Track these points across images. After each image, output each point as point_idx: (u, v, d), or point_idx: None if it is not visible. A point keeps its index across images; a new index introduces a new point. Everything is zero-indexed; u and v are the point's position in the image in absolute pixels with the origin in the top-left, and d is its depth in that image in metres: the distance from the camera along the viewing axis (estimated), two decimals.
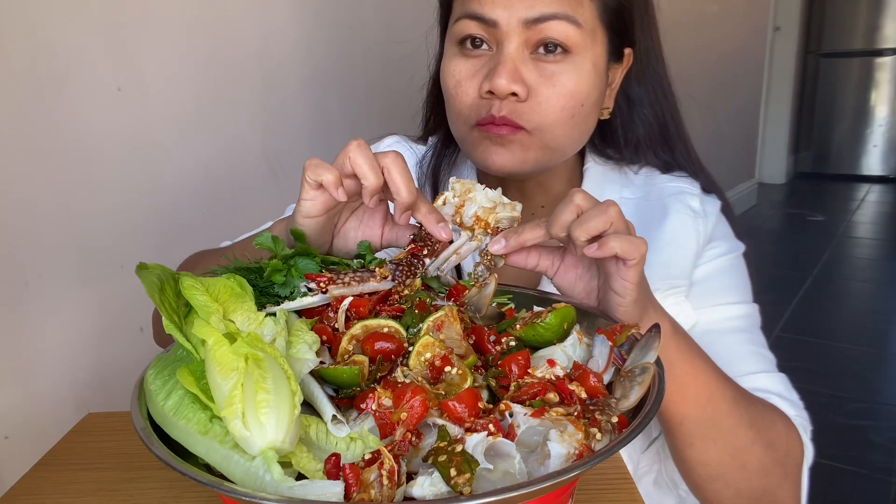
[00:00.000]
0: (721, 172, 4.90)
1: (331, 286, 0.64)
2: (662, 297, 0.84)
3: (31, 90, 1.15)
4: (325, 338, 0.60)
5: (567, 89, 0.82)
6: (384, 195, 0.69)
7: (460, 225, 0.72)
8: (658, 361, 0.57)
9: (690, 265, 0.91)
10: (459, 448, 0.48)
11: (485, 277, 0.69)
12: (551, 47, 0.81)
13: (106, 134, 1.28)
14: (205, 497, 0.67)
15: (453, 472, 0.45)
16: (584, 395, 0.55)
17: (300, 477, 0.49)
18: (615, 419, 0.52)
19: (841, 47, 6.60)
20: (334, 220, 0.74)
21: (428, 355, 0.57)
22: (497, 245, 0.68)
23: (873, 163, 6.69)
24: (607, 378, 0.58)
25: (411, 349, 0.57)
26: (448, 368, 0.55)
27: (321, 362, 0.57)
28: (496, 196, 0.72)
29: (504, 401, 0.53)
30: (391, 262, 0.68)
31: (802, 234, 5.12)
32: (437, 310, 0.62)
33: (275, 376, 0.50)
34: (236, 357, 0.50)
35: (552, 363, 0.58)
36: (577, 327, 0.64)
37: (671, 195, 0.94)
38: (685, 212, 0.93)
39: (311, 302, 0.64)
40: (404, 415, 0.50)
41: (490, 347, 0.62)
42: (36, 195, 1.17)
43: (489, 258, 0.70)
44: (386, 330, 0.60)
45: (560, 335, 0.63)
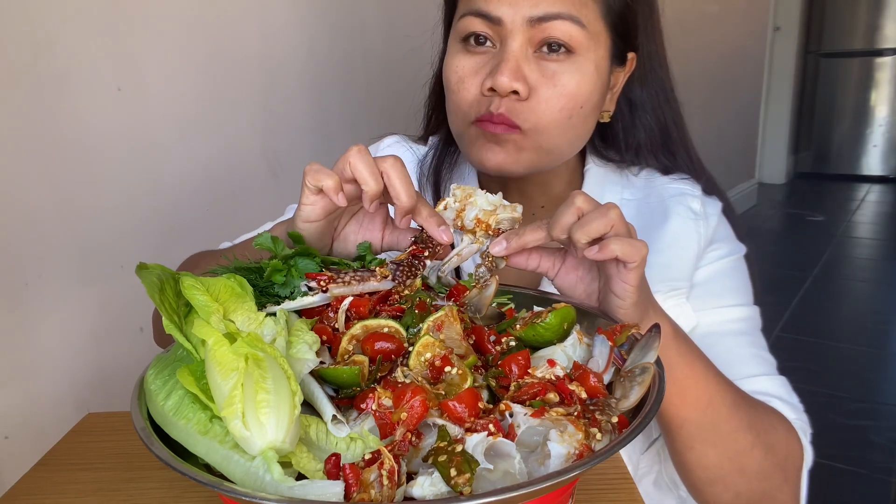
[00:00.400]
0: (721, 172, 4.90)
1: (331, 285, 0.64)
2: (663, 299, 0.84)
3: (32, 90, 1.15)
4: (325, 338, 0.60)
5: (568, 90, 0.82)
6: (384, 199, 0.70)
7: (461, 228, 0.72)
8: (658, 361, 0.57)
9: (691, 267, 0.91)
10: (459, 448, 0.48)
11: (486, 279, 0.69)
12: (554, 46, 0.81)
13: (106, 134, 1.28)
14: (205, 497, 0.67)
15: (453, 472, 0.45)
16: (584, 395, 0.55)
17: (300, 477, 0.49)
18: (615, 419, 0.52)
19: (841, 47, 6.60)
20: (334, 224, 0.74)
21: (428, 355, 0.56)
22: (498, 247, 0.68)
23: (873, 163, 6.69)
24: (607, 378, 0.58)
25: (411, 349, 0.57)
26: (448, 368, 0.55)
27: (321, 362, 0.56)
28: (497, 199, 0.72)
29: (504, 401, 0.53)
30: (392, 263, 0.68)
31: (802, 234, 5.11)
32: (437, 310, 0.62)
33: (275, 376, 0.50)
34: (236, 357, 0.50)
35: (552, 363, 0.58)
36: (577, 327, 0.64)
37: (672, 197, 0.94)
38: (686, 214, 0.92)
39: (312, 302, 0.64)
40: (404, 415, 0.50)
41: (490, 347, 0.62)
42: (36, 195, 1.17)
43: (490, 260, 0.70)
44: (386, 330, 0.60)
45: (560, 335, 0.63)
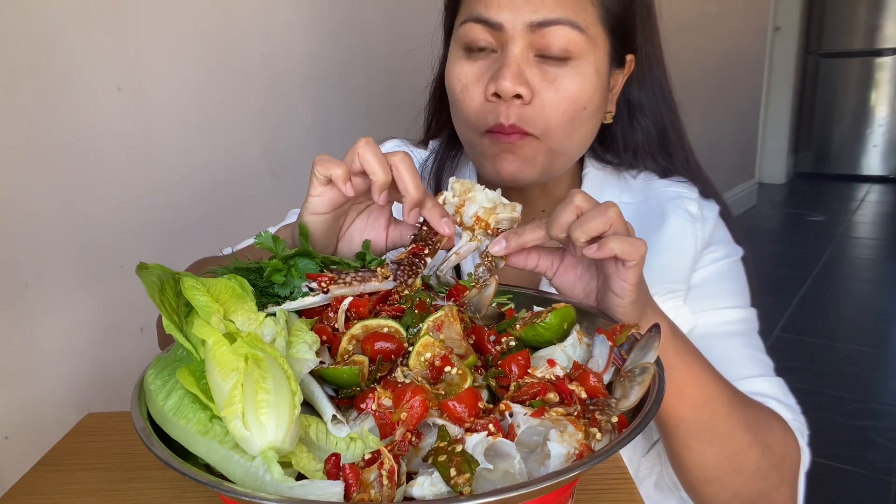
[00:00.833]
0: (721, 172, 4.92)
1: (332, 286, 0.64)
2: (661, 301, 0.84)
3: (32, 90, 1.15)
4: (325, 338, 0.60)
5: (570, 93, 0.82)
6: (390, 195, 0.70)
7: (460, 225, 0.72)
8: (658, 361, 0.57)
9: (688, 269, 0.91)
10: (459, 448, 0.48)
11: (485, 279, 0.69)
12: (555, 51, 0.82)
13: (106, 134, 1.28)
14: (205, 497, 0.67)
15: (453, 472, 0.45)
16: (584, 395, 0.55)
17: (300, 477, 0.49)
18: (615, 419, 0.52)
19: (841, 47, 6.60)
20: (340, 221, 0.74)
21: (428, 355, 0.57)
22: (498, 246, 0.69)
23: (873, 163, 6.69)
24: (607, 378, 0.58)
25: (411, 349, 0.57)
26: (448, 368, 0.55)
27: (321, 362, 0.57)
28: (496, 196, 0.72)
29: (504, 401, 0.53)
30: (392, 262, 0.68)
31: (802, 234, 5.11)
32: (437, 310, 0.62)
33: (275, 376, 0.50)
34: (236, 357, 0.50)
35: (552, 363, 0.58)
36: (577, 327, 0.64)
37: (669, 200, 0.95)
38: (683, 216, 0.93)
39: (312, 302, 0.64)
40: (404, 415, 0.50)
41: (490, 347, 0.62)
42: (36, 195, 1.17)
43: (490, 259, 0.70)
44: (386, 330, 0.60)
45: (560, 335, 0.63)
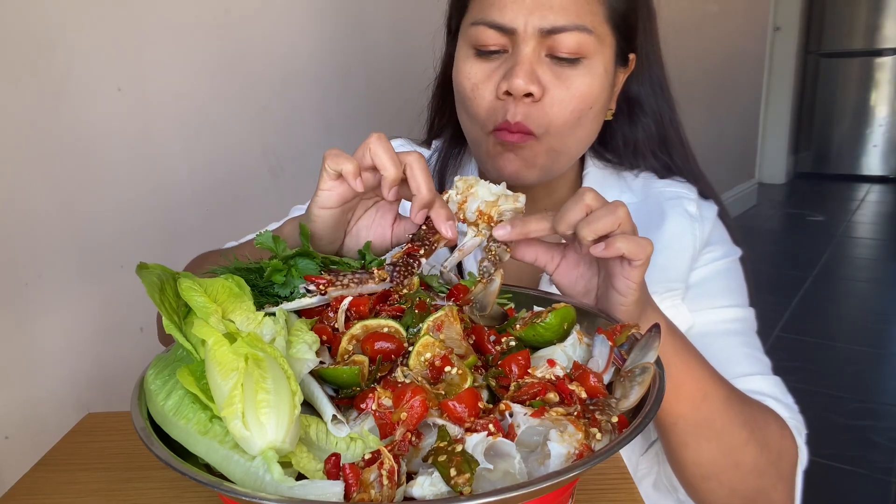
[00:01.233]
0: (721, 172, 4.92)
1: (330, 288, 0.64)
2: (659, 301, 0.84)
3: (32, 90, 1.15)
4: (325, 338, 0.60)
5: (580, 92, 0.83)
6: (399, 192, 0.69)
7: (464, 221, 0.71)
8: (658, 361, 0.57)
9: (687, 268, 0.91)
10: (459, 448, 0.48)
11: (490, 273, 0.68)
12: (566, 52, 0.82)
13: (106, 134, 1.28)
14: (205, 497, 0.67)
15: (453, 472, 0.45)
16: (584, 395, 0.55)
17: (300, 477, 0.49)
18: (615, 419, 0.52)
19: (841, 47, 6.59)
20: (347, 217, 0.74)
21: (428, 355, 0.57)
22: (502, 231, 0.68)
23: (873, 163, 6.69)
24: (607, 378, 0.58)
25: (411, 349, 0.57)
26: (448, 368, 0.55)
27: (321, 362, 0.57)
28: (499, 189, 0.71)
29: (504, 401, 0.53)
30: (388, 263, 0.68)
31: (802, 234, 5.11)
32: (437, 310, 0.62)
33: (275, 376, 0.50)
34: (236, 357, 0.50)
35: (552, 363, 0.58)
36: (577, 327, 0.64)
37: (668, 200, 0.95)
38: (682, 216, 0.93)
39: (310, 303, 0.64)
40: (404, 415, 0.50)
41: (490, 347, 0.62)
42: (36, 195, 1.17)
43: (494, 253, 0.69)
44: (386, 330, 0.60)
45: (560, 335, 0.63)
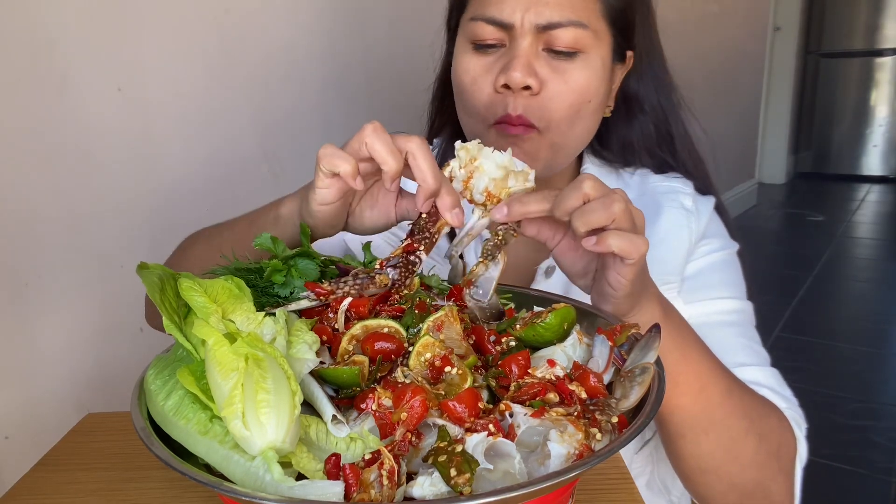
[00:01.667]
0: (721, 172, 4.91)
1: (331, 297, 0.63)
2: None
3: (32, 90, 1.15)
4: (325, 338, 0.60)
5: (578, 85, 0.84)
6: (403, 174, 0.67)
7: (470, 201, 0.67)
8: (658, 361, 0.57)
9: (682, 262, 0.91)
10: (459, 448, 0.48)
11: (495, 255, 0.66)
12: (562, 49, 0.83)
13: (106, 134, 1.28)
14: (205, 497, 0.67)
15: (453, 472, 0.45)
16: (584, 395, 0.55)
17: (300, 477, 0.49)
18: (615, 419, 0.52)
19: (841, 47, 6.59)
20: (348, 202, 0.72)
21: (428, 355, 0.57)
22: (499, 213, 0.66)
23: (873, 163, 6.69)
24: (607, 378, 0.58)
25: (411, 349, 0.57)
26: (448, 368, 0.55)
27: (321, 362, 0.56)
28: (506, 160, 0.66)
29: (504, 401, 0.54)
30: (387, 261, 0.66)
31: (802, 234, 5.11)
32: (437, 310, 0.62)
33: (275, 376, 0.50)
34: (236, 357, 0.50)
35: (552, 363, 0.58)
36: (577, 327, 0.64)
37: (664, 194, 0.96)
38: (678, 210, 0.94)
39: (309, 304, 0.64)
40: (404, 415, 0.50)
41: (490, 347, 0.62)
42: (36, 195, 1.17)
43: (500, 236, 0.67)
44: (386, 330, 0.60)
45: (560, 335, 0.63)
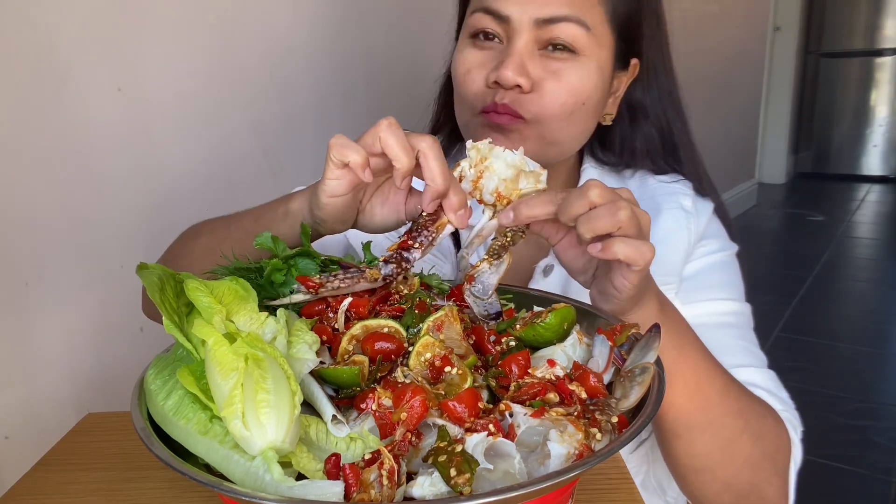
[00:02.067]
0: (721, 172, 4.91)
1: (321, 290, 0.63)
2: None
3: (32, 89, 1.15)
4: (325, 338, 0.60)
5: (571, 85, 0.84)
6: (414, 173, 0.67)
7: (480, 201, 0.67)
8: (658, 361, 0.57)
9: (681, 263, 0.91)
10: (459, 448, 0.48)
11: (500, 254, 0.67)
12: (559, 46, 0.83)
13: (106, 134, 1.28)
14: (205, 497, 0.67)
15: (453, 472, 0.45)
16: (584, 395, 0.55)
17: (300, 477, 0.49)
18: (615, 419, 0.52)
19: (841, 47, 6.59)
20: (359, 197, 0.72)
21: (428, 355, 0.57)
22: (506, 219, 0.66)
23: (873, 163, 6.69)
24: (607, 378, 0.59)
25: (411, 349, 0.58)
26: (448, 368, 0.55)
27: (321, 362, 0.57)
28: (518, 160, 0.66)
29: (504, 401, 0.54)
30: (382, 260, 0.66)
31: (802, 234, 5.11)
32: (437, 310, 0.62)
33: (275, 376, 0.50)
34: (236, 357, 0.50)
35: (552, 363, 0.58)
36: (577, 327, 0.64)
37: (664, 195, 0.96)
38: (677, 210, 0.94)
39: (300, 299, 0.63)
40: (404, 415, 0.50)
41: (490, 347, 0.62)
42: (36, 195, 1.17)
43: (508, 237, 0.67)
44: (386, 330, 0.60)
45: (560, 335, 0.63)
